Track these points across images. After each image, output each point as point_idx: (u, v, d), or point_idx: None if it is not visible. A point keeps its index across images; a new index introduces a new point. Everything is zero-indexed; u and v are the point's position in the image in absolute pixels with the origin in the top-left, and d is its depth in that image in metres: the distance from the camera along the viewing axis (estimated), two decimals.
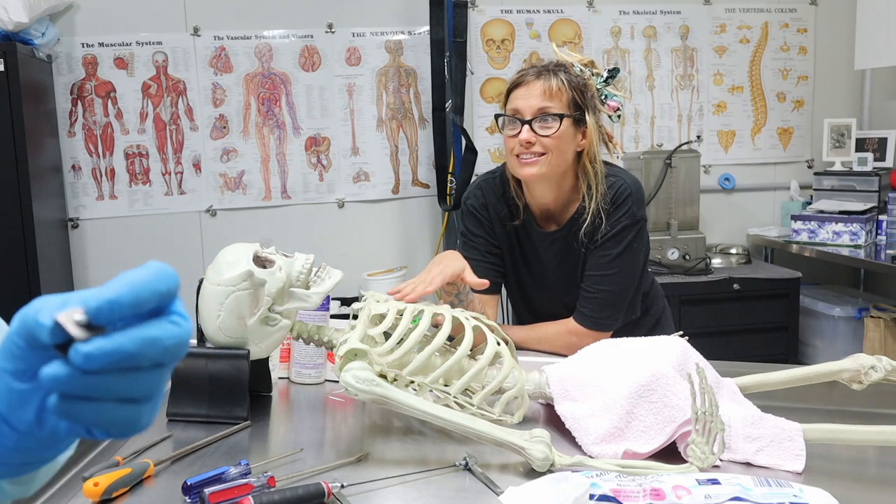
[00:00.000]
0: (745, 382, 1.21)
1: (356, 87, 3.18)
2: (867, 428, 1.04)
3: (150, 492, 0.97)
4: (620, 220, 1.55)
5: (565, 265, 1.64)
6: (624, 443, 1.07)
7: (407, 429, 1.18)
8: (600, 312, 1.57)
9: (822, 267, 3.38)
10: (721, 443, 0.99)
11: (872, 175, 3.12)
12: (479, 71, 3.26)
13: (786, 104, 3.48)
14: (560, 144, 1.51)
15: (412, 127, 3.25)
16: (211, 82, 3.07)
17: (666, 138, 3.39)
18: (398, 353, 1.13)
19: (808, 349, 3.12)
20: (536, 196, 1.61)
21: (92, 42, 2.98)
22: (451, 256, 1.45)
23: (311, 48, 3.14)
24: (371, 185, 3.24)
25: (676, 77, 3.40)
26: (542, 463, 0.99)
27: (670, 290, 2.72)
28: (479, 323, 1.21)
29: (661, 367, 1.11)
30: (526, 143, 1.50)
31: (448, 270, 1.39)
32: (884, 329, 2.83)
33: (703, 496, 0.83)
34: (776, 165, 3.52)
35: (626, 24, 3.34)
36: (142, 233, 3.06)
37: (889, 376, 1.15)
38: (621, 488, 0.85)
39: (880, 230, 3.06)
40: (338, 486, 0.95)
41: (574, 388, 1.17)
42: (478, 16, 3.23)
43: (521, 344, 1.58)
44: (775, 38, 3.45)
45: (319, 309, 1.34)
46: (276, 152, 3.15)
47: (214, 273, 1.18)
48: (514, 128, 1.52)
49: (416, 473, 1.01)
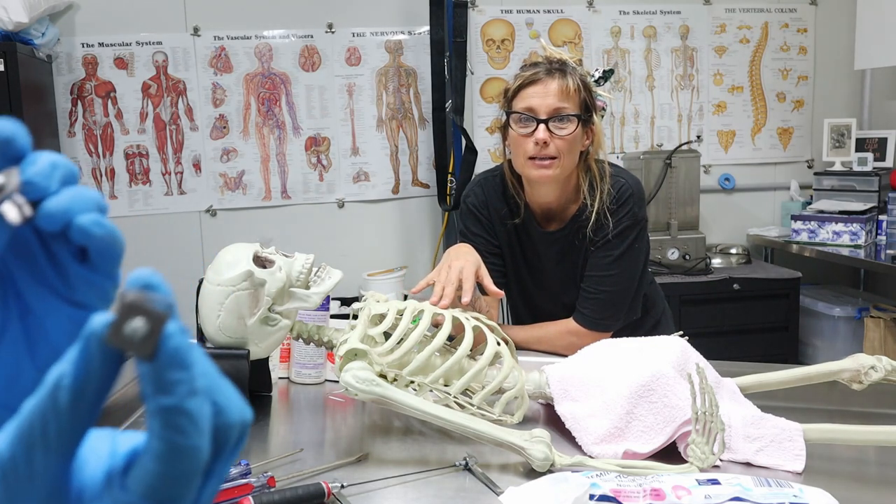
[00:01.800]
0: (745, 382, 1.21)
1: (356, 87, 3.18)
2: (867, 428, 1.04)
3: None
4: (622, 220, 1.55)
5: (566, 265, 1.64)
6: (624, 443, 1.07)
7: (407, 429, 1.18)
8: (601, 313, 1.57)
9: (822, 267, 3.38)
10: (721, 443, 0.99)
11: (872, 175, 3.12)
12: (479, 71, 3.26)
13: (786, 104, 3.48)
14: (572, 147, 1.51)
15: (412, 127, 3.25)
16: (211, 82, 3.07)
17: (666, 138, 3.39)
18: (398, 353, 1.13)
19: (808, 349, 3.12)
20: (540, 195, 1.60)
21: (92, 42, 2.98)
22: (466, 251, 1.44)
23: (311, 48, 3.14)
24: (371, 185, 3.24)
25: (676, 77, 3.40)
26: (542, 463, 0.99)
27: (670, 290, 2.72)
28: (479, 323, 1.21)
29: (662, 367, 1.11)
30: (542, 143, 1.48)
31: (470, 269, 1.37)
32: (884, 329, 2.83)
33: (703, 496, 0.83)
34: (776, 165, 3.52)
35: (626, 24, 3.34)
36: (142, 233, 3.06)
37: (889, 376, 1.15)
38: (621, 488, 0.85)
39: (880, 230, 3.06)
40: (338, 486, 0.95)
41: (574, 388, 1.17)
42: (478, 16, 3.23)
43: (521, 344, 1.58)
44: (775, 38, 3.44)
45: (319, 309, 1.34)
46: (276, 152, 3.15)
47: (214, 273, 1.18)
48: (528, 126, 1.50)
49: (416, 473, 1.01)
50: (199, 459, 0.30)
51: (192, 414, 0.29)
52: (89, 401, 0.30)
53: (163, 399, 0.29)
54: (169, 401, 0.29)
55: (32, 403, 0.29)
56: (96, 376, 0.29)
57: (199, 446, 0.30)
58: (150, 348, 0.29)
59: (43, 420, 0.29)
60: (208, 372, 0.31)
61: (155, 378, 0.29)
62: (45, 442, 0.29)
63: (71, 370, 0.29)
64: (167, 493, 0.30)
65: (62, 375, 0.29)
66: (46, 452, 0.30)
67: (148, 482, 0.30)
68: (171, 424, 0.29)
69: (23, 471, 0.30)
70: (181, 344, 0.29)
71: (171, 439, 0.29)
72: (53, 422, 0.29)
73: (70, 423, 0.29)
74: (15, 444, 0.30)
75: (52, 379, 0.29)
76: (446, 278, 1.34)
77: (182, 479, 0.30)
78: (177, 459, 0.29)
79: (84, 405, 0.29)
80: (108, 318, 0.29)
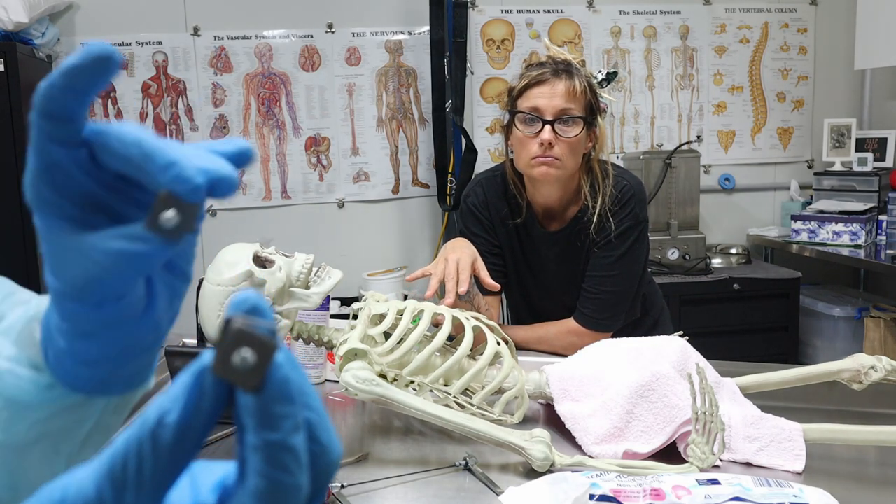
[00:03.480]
0: (745, 382, 1.21)
1: (356, 87, 3.18)
2: (867, 428, 1.04)
3: None
4: (624, 221, 1.55)
5: (567, 265, 1.63)
6: (624, 443, 1.07)
7: (407, 429, 1.18)
8: (601, 313, 1.57)
9: (822, 267, 3.38)
10: (721, 443, 0.99)
11: (872, 175, 3.12)
12: (479, 71, 3.26)
13: (786, 104, 3.48)
14: (576, 149, 1.51)
15: (412, 127, 3.25)
16: (211, 82, 3.07)
17: (666, 138, 3.39)
18: (398, 353, 1.13)
19: (808, 349, 3.12)
20: (542, 195, 1.60)
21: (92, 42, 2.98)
22: (463, 245, 1.44)
23: (311, 48, 3.14)
24: (371, 185, 3.24)
25: (676, 77, 3.40)
26: (542, 463, 0.99)
27: (670, 290, 2.72)
28: (479, 323, 1.21)
29: (662, 367, 1.11)
30: (547, 144, 1.48)
31: (466, 262, 1.37)
32: (884, 329, 2.83)
33: (703, 496, 0.83)
34: (776, 165, 3.52)
35: (626, 24, 3.34)
36: None
37: (889, 376, 1.15)
38: (621, 488, 0.85)
39: (880, 230, 3.06)
40: (338, 486, 0.95)
41: (574, 388, 1.17)
42: (478, 16, 3.23)
43: (522, 344, 1.58)
44: (775, 38, 3.44)
45: (319, 309, 1.34)
46: (276, 152, 3.15)
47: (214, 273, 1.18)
48: (533, 126, 1.50)
49: (416, 473, 1.01)
50: (300, 498, 0.28)
51: (296, 451, 0.28)
52: (192, 439, 0.28)
53: (268, 434, 0.27)
54: (275, 436, 0.27)
55: (126, 440, 0.27)
56: (204, 413, 0.28)
57: (301, 484, 0.28)
58: (258, 380, 0.27)
59: (139, 459, 0.27)
60: (314, 405, 0.30)
61: (260, 412, 0.27)
62: (138, 483, 0.27)
63: (178, 406, 0.27)
64: None
65: (166, 412, 0.27)
66: (138, 494, 0.27)
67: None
68: (276, 461, 0.27)
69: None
70: (289, 376, 0.28)
71: (274, 477, 0.27)
72: (150, 461, 0.27)
73: (169, 463, 0.27)
74: (103, 484, 0.28)
75: (152, 415, 0.27)
76: (443, 271, 1.34)
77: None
78: (279, 498, 0.28)
79: (187, 444, 0.28)
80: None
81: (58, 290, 0.39)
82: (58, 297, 0.39)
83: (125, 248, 0.36)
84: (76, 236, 0.37)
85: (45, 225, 0.37)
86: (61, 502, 0.28)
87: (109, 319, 0.39)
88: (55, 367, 0.42)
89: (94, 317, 0.39)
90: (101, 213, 0.38)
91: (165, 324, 0.42)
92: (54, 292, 0.39)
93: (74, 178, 0.37)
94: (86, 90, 0.35)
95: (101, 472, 0.28)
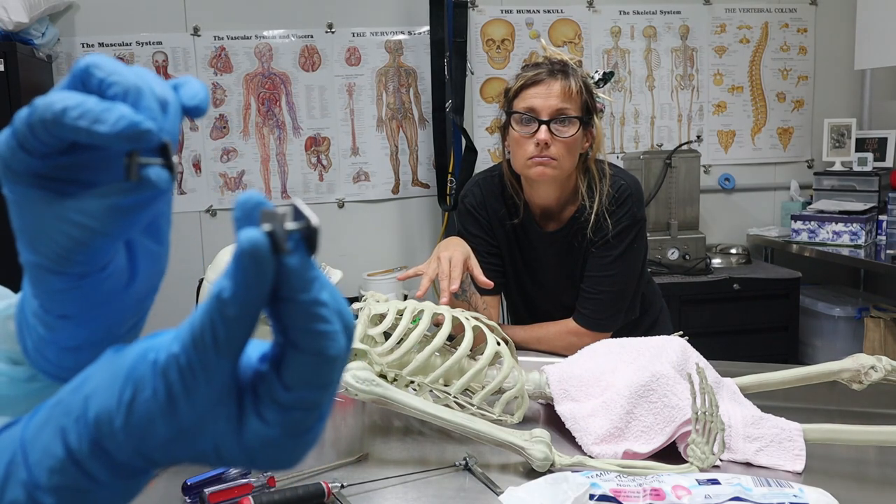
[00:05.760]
0: (745, 382, 1.21)
1: (356, 87, 3.18)
2: (867, 428, 1.04)
3: (149, 492, 0.97)
4: (621, 220, 1.55)
5: (565, 265, 1.63)
6: (624, 443, 1.07)
7: (407, 429, 1.18)
8: (601, 313, 1.57)
9: (822, 267, 3.38)
10: (721, 443, 0.99)
11: (872, 175, 3.12)
12: (479, 71, 3.26)
13: (786, 104, 3.48)
14: (572, 149, 1.51)
15: (412, 127, 3.25)
16: (211, 82, 3.07)
17: (666, 138, 3.39)
18: (398, 353, 1.13)
19: (808, 349, 3.12)
20: (539, 195, 1.60)
21: (92, 42, 2.98)
22: (456, 243, 1.45)
23: (311, 48, 3.14)
24: (371, 185, 3.24)
25: (676, 77, 3.40)
26: (542, 463, 0.99)
27: (670, 290, 2.72)
28: (479, 323, 1.21)
29: (661, 367, 1.11)
30: (543, 144, 1.48)
31: (458, 259, 1.38)
32: (884, 329, 2.83)
33: (703, 496, 0.83)
34: (776, 165, 3.52)
35: (626, 24, 3.34)
36: None
37: (889, 376, 1.15)
38: (621, 488, 0.85)
39: (880, 230, 3.06)
40: (338, 486, 0.95)
41: (574, 388, 1.17)
42: (478, 16, 3.23)
43: (521, 344, 1.58)
44: (775, 38, 3.44)
45: None
46: (276, 152, 3.15)
47: (214, 273, 1.18)
48: (529, 127, 1.50)
49: (416, 473, 1.01)
50: (341, 345, 0.34)
51: (328, 304, 0.33)
52: (250, 310, 0.32)
53: (304, 295, 0.32)
54: (309, 295, 0.33)
55: (200, 313, 0.32)
56: (258, 285, 0.32)
57: (339, 331, 0.34)
58: (313, 243, 0.33)
59: (213, 327, 0.32)
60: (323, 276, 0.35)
61: (299, 276, 0.32)
62: (216, 346, 0.32)
63: (230, 283, 0.32)
64: (325, 379, 0.34)
65: (222, 288, 0.32)
66: (218, 355, 0.32)
67: (305, 374, 0.33)
68: (316, 316, 0.33)
69: (199, 372, 0.32)
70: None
71: (318, 329, 0.33)
72: (222, 328, 0.32)
73: (238, 328, 0.32)
74: (189, 349, 0.32)
75: (215, 291, 0.32)
76: (435, 270, 1.35)
77: (333, 364, 0.34)
78: (326, 346, 0.33)
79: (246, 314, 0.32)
80: (265, 227, 0.32)
81: (37, 265, 0.40)
82: (37, 273, 0.40)
83: (118, 202, 0.37)
84: (56, 204, 0.38)
85: (20, 196, 0.38)
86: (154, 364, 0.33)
87: (92, 296, 0.40)
88: (35, 357, 0.42)
89: (77, 294, 0.40)
90: (74, 183, 0.39)
91: (148, 300, 0.44)
92: (33, 268, 0.40)
93: (45, 158, 0.38)
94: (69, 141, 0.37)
95: (185, 339, 0.33)
